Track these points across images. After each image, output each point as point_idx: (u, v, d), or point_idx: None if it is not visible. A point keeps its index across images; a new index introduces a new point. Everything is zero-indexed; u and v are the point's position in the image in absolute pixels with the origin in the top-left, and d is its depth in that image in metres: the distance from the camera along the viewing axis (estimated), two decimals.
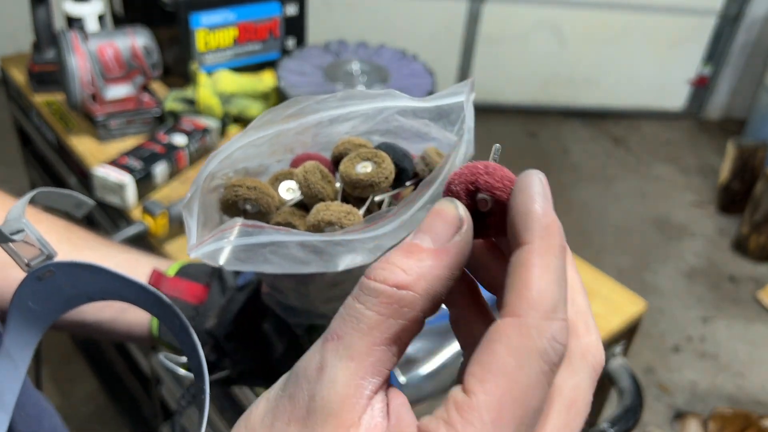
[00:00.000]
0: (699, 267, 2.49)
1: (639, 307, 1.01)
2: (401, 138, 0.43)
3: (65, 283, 0.36)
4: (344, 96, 0.40)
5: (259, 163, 0.45)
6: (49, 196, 0.38)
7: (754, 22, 3.14)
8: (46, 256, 0.35)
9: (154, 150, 1.13)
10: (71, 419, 1.74)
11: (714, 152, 3.13)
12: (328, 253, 0.35)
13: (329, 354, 0.24)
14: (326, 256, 0.35)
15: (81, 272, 0.36)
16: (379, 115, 0.40)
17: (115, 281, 0.37)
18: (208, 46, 1.30)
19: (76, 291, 0.37)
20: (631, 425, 0.91)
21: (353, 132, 0.43)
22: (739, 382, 2.05)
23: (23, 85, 1.40)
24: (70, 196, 0.38)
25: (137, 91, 1.21)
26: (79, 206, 0.38)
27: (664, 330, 2.20)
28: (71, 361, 1.86)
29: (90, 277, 0.36)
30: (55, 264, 0.35)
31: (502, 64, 3.17)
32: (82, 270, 0.36)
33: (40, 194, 0.37)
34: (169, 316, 0.37)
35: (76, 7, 1.34)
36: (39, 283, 0.35)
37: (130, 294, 0.37)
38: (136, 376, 1.42)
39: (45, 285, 0.36)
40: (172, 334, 0.38)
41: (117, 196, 1.07)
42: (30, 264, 0.35)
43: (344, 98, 0.40)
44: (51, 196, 0.38)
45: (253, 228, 0.37)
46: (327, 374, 0.24)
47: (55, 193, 0.38)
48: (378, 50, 1.36)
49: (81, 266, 0.36)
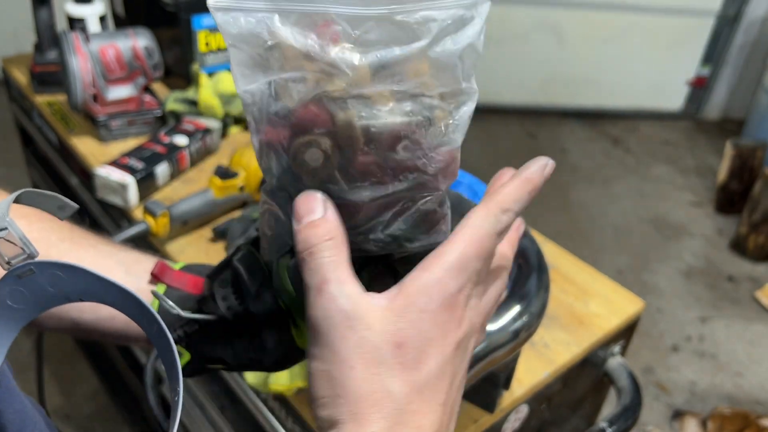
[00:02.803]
0: (697, 267, 2.49)
1: (637, 307, 1.01)
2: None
3: (46, 283, 0.36)
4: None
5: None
6: (34, 198, 0.38)
7: (752, 23, 3.15)
8: (27, 255, 0.35)
9: (156, 150, 1.13)
10: (72, 418, 1.75)
11: (712, 152, 3.14)
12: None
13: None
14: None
15: (61, 272, 0.36)
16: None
17: (95, 282, 0.37)
18: (209, 47, 1.31)
19: (57, 291, 0.37)
20: (629, 424, 0.92)
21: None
22: (738, 381, 2.05)
23: (25, 85, 1.41)
24: (53, 197, 0.38)
25: (139, 92, 1.22)
26: (62, 209, 0.39)
27: (662, 330, 2.21)
28: (73, 361, 1.87)
29: (70, 278, 0.36)
30: (35, 263, 0.35)
31: (501, 64, 3.18)
32: (62, 270, 0.36)
33: (25, 195, 0.37)
34: (147, 319, 0.37)
35: (77, 8, 1.35)
36: (19, 282, 0.35)
37: (108, 296, 0.37)
38: (137, 376, 1.42)
39: (25, 284, 0.36)
40: (149, 336, 0.38)
41: (118, 197, 1.08)
42: (10, 262, 0.35)
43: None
44: (35, 198, 0.38)
45: None
46: None
47: (39, 194, 0.38)
48: None
49: (61, 266, 0.36)
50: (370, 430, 0.35)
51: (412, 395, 0.35)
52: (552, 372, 0.89)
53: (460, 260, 0.36)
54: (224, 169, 1.11)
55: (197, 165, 1.20)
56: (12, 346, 0.39)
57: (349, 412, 0.35)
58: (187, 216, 1.04)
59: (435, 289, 0.36)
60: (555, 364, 0.90)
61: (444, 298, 0.36)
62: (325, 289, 0.36)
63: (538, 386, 0.88)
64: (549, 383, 0.90)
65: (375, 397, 0.35)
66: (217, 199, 1.07)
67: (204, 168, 1.20)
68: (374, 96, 0.35)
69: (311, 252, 0.36)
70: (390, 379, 0.35)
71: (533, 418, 0.93)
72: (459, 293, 0.37)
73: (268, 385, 0.81)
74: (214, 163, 1.19)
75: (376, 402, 0.35)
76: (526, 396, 0.87)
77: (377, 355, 0.35)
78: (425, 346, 0.36)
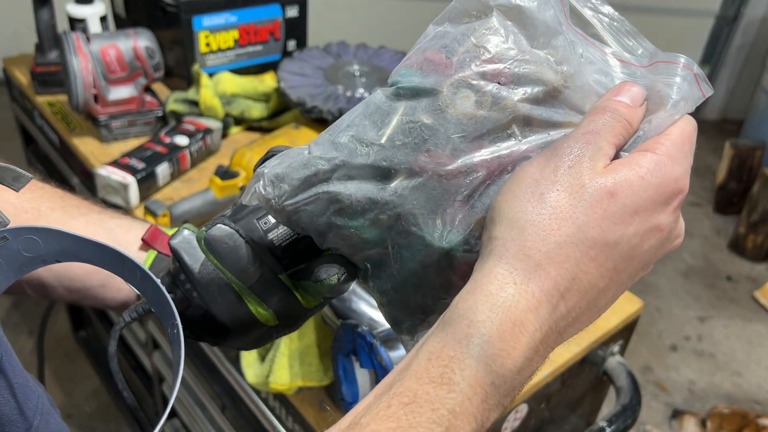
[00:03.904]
0: (696, 267, 2.50)
1: (636, 307, 1.02)
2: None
3: (20, 248, 0.37)
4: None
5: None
6: None
7: (751, 24, 3.16)
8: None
9: (156, 150, 1.14)
10: (73, 417, 1.75)
11: (711, 152, 3.14)
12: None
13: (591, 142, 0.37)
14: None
15: (35, 236, 0.37)
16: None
17: (70, 241, 0.37)
18: (210, 47, 1.31)
19: (32, 255, 0.37)
20: (628, 424, 0.92)
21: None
22: (737, 380, 2.06)
23: (26, 86, 1.41)
24: (8, 169, 0.39)
25: (139, 92, 1.22)
26: (17, 179, 0.39)
27: (661, 329, 2.21)
28: (74, 360, 1.88)
29: (45, 240, 0.37)
30: (8, 230, 0.36)
31: None
32: (35, 233, 0.36)
33: None
34: (129, 269, 0.38)
35: (78, 9, 1.35)
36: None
37: (85, 252, 0.38)
38: (138, 375, 1.43)
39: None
40: (133, 286, 0.39)
41: (119, 196, 1.08)
42: None
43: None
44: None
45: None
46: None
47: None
48: (378, 52, 1.37)
49: (35, 230, 0.36)
50: (531, 260, 0.35)
51: (595, 245, 0.35)
52: (551, 371, 0.90)
53: (681, 139, 0.38)
54: (225, 169, 1.12)
55: (198, 165, 1.20)
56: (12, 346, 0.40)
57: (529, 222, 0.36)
58: (187, 216, 1.05)
59: (662, 167, 0.37)
60: (554, 364, 0.90)
61: (665, 176, 0.37)
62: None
63: (538, 385, 0.89)
64: (548, 382, 0.90)
65: (558, 223, 0.35)
66: (217, 199, 1.08)
67: (205, 168, 1.20)
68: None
69: (615, 109, 0.38)
70: (583, 219, 0.35)
71: (532, 418, 0.94)
72: (680, 179, 0.37)
73: (268, 384, 0.81)
74: (215, 163, 1.20)
75: (556, 228, 0.35)
76: (526, 395, 0.88)
77: (585, 191, 0.36)
78: (633, 210, 0.36)
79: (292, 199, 0.41)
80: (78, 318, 1.83)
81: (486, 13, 0.40)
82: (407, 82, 0.40)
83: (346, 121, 0.41)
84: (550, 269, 0.35)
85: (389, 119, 0.40)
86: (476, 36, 0.39)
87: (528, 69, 0.39)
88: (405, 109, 0.40)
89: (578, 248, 0.35)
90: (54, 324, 1.90)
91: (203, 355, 1.03)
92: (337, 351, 0.77)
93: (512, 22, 0.39)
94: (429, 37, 0.42)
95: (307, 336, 0.82)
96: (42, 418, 0.40)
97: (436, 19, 0.43)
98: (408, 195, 0.39)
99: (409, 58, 0.42)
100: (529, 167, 0.37)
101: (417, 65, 0.40)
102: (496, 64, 0.39)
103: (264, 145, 1.15)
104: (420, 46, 0.42)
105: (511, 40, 0.39)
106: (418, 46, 0.42)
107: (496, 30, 0.39)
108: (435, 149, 0.39)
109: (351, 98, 1.21)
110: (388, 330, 0.74)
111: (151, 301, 0.40)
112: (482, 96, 0.39)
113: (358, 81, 1.25)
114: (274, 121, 1.29)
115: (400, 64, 0.42)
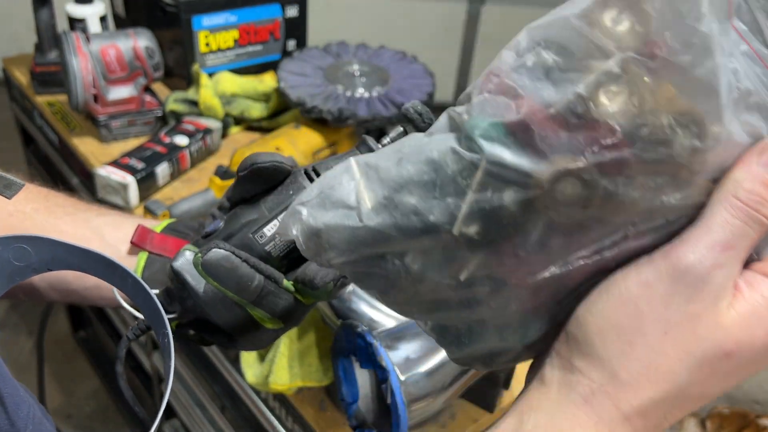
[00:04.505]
0: None
1: None
2: None
3: (11, 257, 0.36)
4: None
5: None
6: None
7: None
8: None
9: (156, 150, 1.14)
10: (73, 417, 1.75)
11: None
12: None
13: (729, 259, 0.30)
14: None
15: (25, 244, 0.36)
16: None
17: (60, 250, 0.37)
18: (210, 47, 1.31)
19: (23, 264, 0.37)
20: None
21: None
22: None
23: (26, 86, 1.41)
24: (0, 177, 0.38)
25: (139, 92, 1.22)
26: (8, 186, 0.39)
27: None
28: (73, 360, 1.87)
29: (35, 249, 0.36)
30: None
31: None
32: (26, 242, 0.36)
33: None
34: (120, 277, 0.37)
35: (78, 9, 1.35)
36: None
37: (76, 260, 0.37)
38: (137, 375, 1.43)
39: None
40: (125, 293, 0.38)
41: (119, 197, 1.08)
42: None
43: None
44: None
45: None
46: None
47: None
48: (378, 51, 1.37)
49: (24, 239, 0.36)
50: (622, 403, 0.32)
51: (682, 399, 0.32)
52: None
53: None
54: (225, 169, 1.11)
55: (198, 165, 1.20)
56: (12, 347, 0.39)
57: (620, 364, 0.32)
58: (187, 216, 1.04)
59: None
60: None
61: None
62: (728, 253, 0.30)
63: None
64: None
65: (657, 371, 0.31)
66: (217, 199, 1.08)
67: (204, 168, 1.20)
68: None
69: (758, 210, 0.30)
70: (686, 379, 0.31)
71: None
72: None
73: (268, 384, 0.81)
74: (215, 163, 1.20)
75: (652, 376, 0.31)
76: None
77: (699, 347, 0.31)
78: (744, 364, 0.31)
79: (339, 258, 0.33)
80: (77, 318, 1.82)
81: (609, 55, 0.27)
82: (493, 154, 0.28)
83: (404, 175, 0.31)
84: (637, 422, 0.32)
85: (461, 199, 0.30)
86: (596, 100, 0.27)
87: (661, 154, 0.28)
88: (481, 194, 0.29)
89: (673, 404, 0.32)
90: (53, 324, 1.89)
91: (203, 356, 1.03)
92: (337, 351, 0.77)
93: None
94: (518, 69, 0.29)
95: (307, 336, 0.82)
96: (34, 428, 0.39)
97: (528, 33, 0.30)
98: (483, 299, 0.33)
99: (490, 89, 0.29)
100: (631, 284, 0.31)
101: (509, 126, 0.28)
102: (621, 150, 0.27)
103: (264, 145, 1.15)
104: (509, 79, 0.29)
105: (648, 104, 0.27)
106: (502, 74, 0.29)
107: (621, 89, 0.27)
108: (525, 255, 0.30)
109: (351, 98, 1.21)
110: (388, 330, 0.74)
111: (142, 309, 0.40)
112: (592, 192, 0.28)
113: (358, 81, 1.25)
114: (273, 121, 1.29)
115: (481, 99, 0.29)
